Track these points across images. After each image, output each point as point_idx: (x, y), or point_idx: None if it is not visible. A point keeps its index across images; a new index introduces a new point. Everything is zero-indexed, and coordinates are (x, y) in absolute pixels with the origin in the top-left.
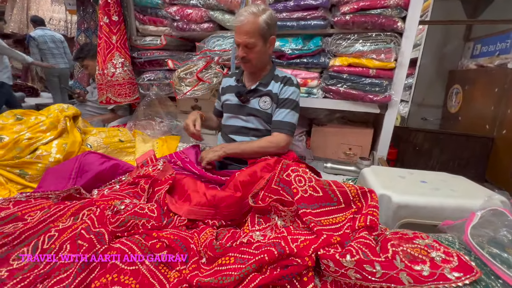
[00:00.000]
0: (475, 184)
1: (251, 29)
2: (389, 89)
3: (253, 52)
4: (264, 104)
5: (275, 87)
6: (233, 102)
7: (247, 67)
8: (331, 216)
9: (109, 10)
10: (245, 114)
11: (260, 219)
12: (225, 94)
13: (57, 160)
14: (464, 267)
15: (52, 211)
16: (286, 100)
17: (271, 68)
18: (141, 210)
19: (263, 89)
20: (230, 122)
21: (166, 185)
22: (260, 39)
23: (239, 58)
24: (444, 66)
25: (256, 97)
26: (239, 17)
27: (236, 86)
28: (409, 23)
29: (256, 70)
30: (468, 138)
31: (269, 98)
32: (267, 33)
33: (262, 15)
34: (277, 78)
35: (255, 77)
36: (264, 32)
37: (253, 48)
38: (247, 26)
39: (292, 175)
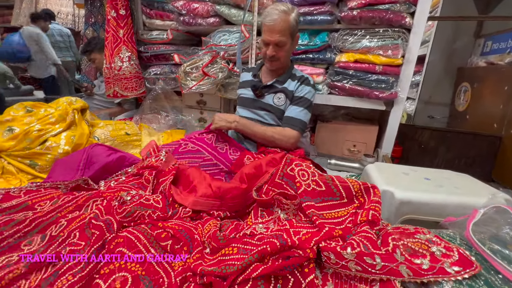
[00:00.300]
0: (479, 182)
1: (283, 28)
2: (396, 85)
3: (283, 50)
4: (278, 101)
5: (292, 85)
6: (247, 95)
7: (275, 65)
8: (333, 210)
9: (116, 4)
10: (259, 108)
11: (263, 212)
12: (242, 88)
13: (65, 151)
14: (464, 261)
15: (61, 202)
16: (301, 99)
17: (289, 66)
18: (147, 201)
19: (278, 86)
20: (243, 114)
21: (170, 176)
22: (290, 37)
23: (267, 56)
24: (453, 63)
25: (271, 93)
26: (272, 16)
27: (252, 80)
28: (417, 19)
29: (281, 67)
30: (475, 137)
31: (283, 95)
32: (295, 31)
33: (292, 13)
34: (294, 77)
35: (273, 73)
36: (293, 30)
37: (283, 47)
38: (280, 25)
39: (296, 169)
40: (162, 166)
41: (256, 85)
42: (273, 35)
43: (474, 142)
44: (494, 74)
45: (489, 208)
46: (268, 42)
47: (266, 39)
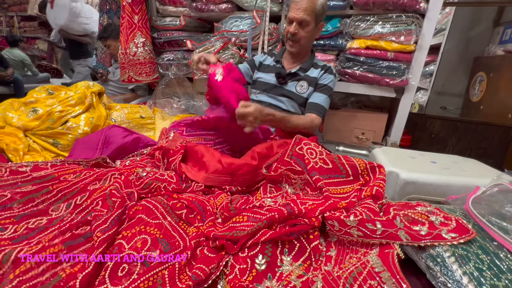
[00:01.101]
0: (486, 166)
1: (309, 6)
2: (407, 72)
3: (305, 31)
4: (301, 88)
5: (315, 73)
6: (269, 81)
7: (294, 46)
8: (339, 187)
9: None
10: (280, 95)
11: (272, 188)
12: (262, 72)
13: (85, 132)
14: (460, 228)
15: (83, 176)
16: (325, 86)
17: (311, 55)
18: (161, 176)
19: (302, 73)
20: (263, 98)
21: (179, 155)
22: (314, 19)
23: (288, 35)
24: (470, 52)
25: (294, 81)
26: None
27: (275, 66)
28: (432, 4)
29: (300, 51)
30: (487, 127)
31: (306, 82)
32: (320, 17)
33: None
34: (316, 65)
35: (295, 60)
36: (318, 14)
37: (306, 27)
38: (307, 3)
39: (305, 148)
40: (169, 145)
41: (281, 72)
42: (298, 12)
43: (486, 132)
44: (510, 63)
45: (491, 186)
46: (292, 18)
47: (290, 16)
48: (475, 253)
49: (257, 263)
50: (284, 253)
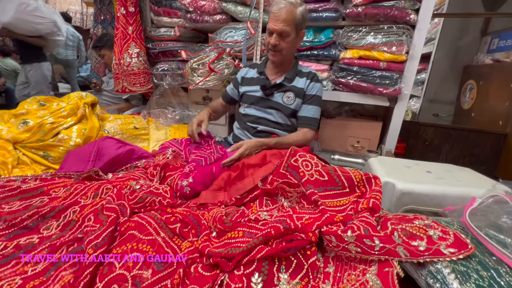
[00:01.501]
0: (480, 175)
1: (288, 17)
2: (400, 82)
3: (286, 41)
4: (287, 100)
5: (300, 82)
6: (256, 94)
7: (276, 57)
8: (335, 199)
9: (126, 1)
10: (268, 107)
11: (268, 201)
12: (246, 86)
13: (77, 144)
14: (459, 243)
15: (74, 189)
16: (314, 97)
17: (294, 62)
18: (156, 190)
19: (287, 84)
20: (251, 112)
21: (178, 172)
22: (294, 29)
23: (270, 46)
24: (459, 61)
25: (280, 92)
26: (278, 5)
27: (259, 78)
28: (422, 15)
29: (282, 61)
30: (479, 134)
31: (292, 93)
32: (300, 26)
33: (299, 6)
34: (301, 73)
35: (278, 70)
36: (298, 23)
37: (287, 38)
38: (285, 14)
39: (300, 160)
40: (170, 161)
41: (265, 85)
42: (277, 24)
43: (479, 139)
44: (500, 71)
45: (487, 197)
46: (272, 30)
47: (270, 27)
48: (475, 269)
49: (253, 282)
50: (281, 270)
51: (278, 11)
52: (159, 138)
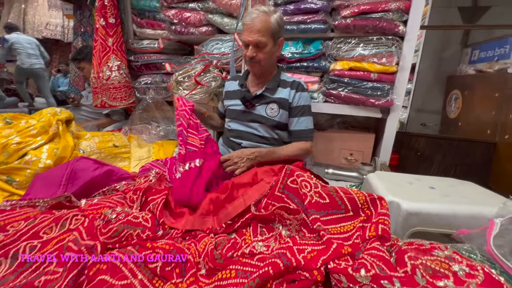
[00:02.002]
0: (484, 189)
1: (263, 27)
2: (391, 93)
3: (263, 52)
4: (271, 112)
5: (284, 93)
6: (237, 107)
7: (255, 69)
8: (339, 225)
9: (105, 12)
10: (251, 121)
11: (263, 228)
12: (229, 99)
13: (47, 165)
14: (491, 281)
15: (38, 222)
16: (304, 107)
17: (276, 72)
18: (135, 219)
19: (269, 95)
20: (234, 126)
21: (162, 195)
22: (271, 39)
23: (246, 58)
24: (443, 71)
25: (263, 104)
26: (251, 15)
27: (240, 91)
28: (410, 27)
29: (263, 72)
30: (469, 144)
31: (276, 105)
32: (277, 34)
33: (273, 14)
34: (284, 83)
35: (260, 81)
36: (274, 32)
37: (264, 48)
38: (259, 25)
39: (298, 180)
40: (152, 184)
41: (245, 97)
42: (252, 35)
43: (469, 149)
44: (484, 81)
45: (507, 220)
46: (247, 42)
47: (245, 39)
48: None
49: None
50: None
51: (251, 21)
52: (141, 156)
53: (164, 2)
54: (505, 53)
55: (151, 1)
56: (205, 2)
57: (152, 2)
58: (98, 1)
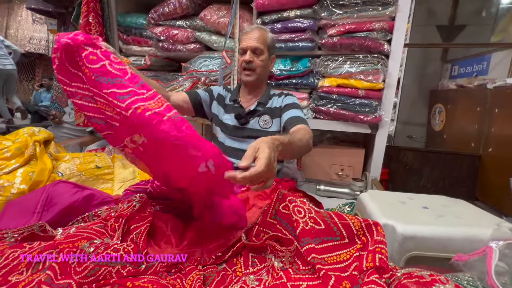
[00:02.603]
0: (477, 209)
1: (261, 36)
2: (379, 109)
3: (260, 59)
4: (264, 123)
5: (275, 103)
6: (231, 123)
7: (251, 77)
8: (334, 253)
9: (90, 29)
10: (245, 137)
11: (255, 258)
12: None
13: (21, 191)
14: None
15: (3, 260)
16: (293, 104)
17: (267, 87)
18: (115, 252)
19: (261, 108)
20: (229, 143)
21: (146, 223)
22: (267, 50)
23: (243, 65)
24: (425, 86)
25: (255, 117)
26: (250, 27)
27: (233, 106)
28: (394, 45)
29: (257, 83)
30: (455, 156)
31: (268, 116)
32: (272, 49)
33: (269, 32)
34: (274, 95)
35: (253, 95)
36: (270, 46)
37: (261, 55)
38: (258, 33)
39: (290, 205)
40: (136, 211)
41: (240, 113)
42: (251, 41)
43: (455, 162)
44: (465, 96)
45: (504, 246)
46: (246, 48)
47: (243, 46)
48: None
49: None
50: None
51: (251, 30)
52: (126, 178)
53: (151, 20)
54: (483, 69)
55: (138, 18)
56: (192, 20)
57: (139, 20)
58: (82, 18)
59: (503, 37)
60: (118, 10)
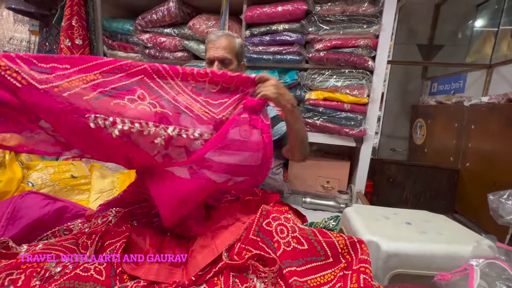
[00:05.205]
0: (457, 224)
1: (228, 45)
2: (364, 123)
3: (228, 69)
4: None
5: None
6: None
7: None
8: (318, 274)
9: (72, 33)
10: None
11: (236, 278)
12: None
13: None
14: None
15: None
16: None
17: None
18: (85, 272)
19: None
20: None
21: (122, 238)
22: (235, 58)
23: None
24: (407, 101)
25: None
26: (216, 34)
27: None
28: (378, 62)
29: None
30: (435, 170)
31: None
32: (241, 56)
33: (236, 38)
34: None
35: None
36: (239, 53)
37: (229, 65)
38: (225, 42)
39: (274, 224)
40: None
41: None
42: (218, 51)
43: (435, 175)
44: (444, 112)
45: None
46: (213, 58)
47: (210, 56)
48: None
49: None
50: None
51: (217, 38)
52: (104, 188)
53: (138, 26)
54: (460, 87)
55: (124, 24)
56: (181, 28)
57: (125, 25)
58: (65, 21)
59: (476, 58)
60: (104, 15)
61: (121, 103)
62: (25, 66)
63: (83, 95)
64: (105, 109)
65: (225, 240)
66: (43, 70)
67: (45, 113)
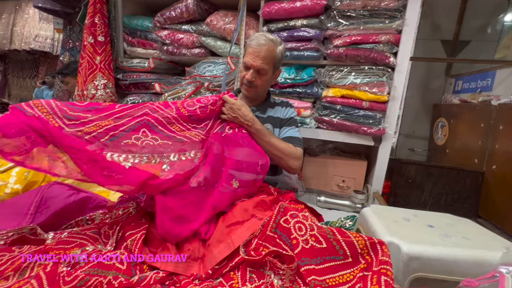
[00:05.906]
0: (484, 229)
1: (268, 55)
2: (383, 122)
3: (262, 79)
4: None
5: (278, 112)
6: None
7: (250, 92)
8: (337, 274)
9: (95, 30)
10: None
11: (253, 273)
12: None
13: (15, 191)
14: None
15: None
16: (291, 120)
17: (267, 96)
18: (108, 260)
19: (261, 115)
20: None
21: (142, 230)
22: (272, 68)
23: (244, 81)
24: (428, 99)
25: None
26: (259, 41)
27: None
28: (400, 59)
29: (256, 97)
30: (458, 172)
31: (270, 125)
32: (278, 64)
33: (279, 46)
34: (274, 104)
35: (251, 104)
36: (277, 62)
37: (264, 75)
38: (266, 52)
39: (291, 221)
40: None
41: None
42: (256, 60)
43: (458, 177)
44: (469, 111)
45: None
46: (250, 66)
47: (248, 62)
48: None
49: None
50: None
51: (259, 47)
52: None
53: (157, 23)
54: (487, 85)
55: (144, 21)
56: (198, 24)
57: (145, 22)
58: (88, 19)
59: (506, 54)
60: (124, 12)
61: (129, 142)
62: (60, 113)
63: (99, 138)
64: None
65: (241, 235)
66: (71, 117)
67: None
